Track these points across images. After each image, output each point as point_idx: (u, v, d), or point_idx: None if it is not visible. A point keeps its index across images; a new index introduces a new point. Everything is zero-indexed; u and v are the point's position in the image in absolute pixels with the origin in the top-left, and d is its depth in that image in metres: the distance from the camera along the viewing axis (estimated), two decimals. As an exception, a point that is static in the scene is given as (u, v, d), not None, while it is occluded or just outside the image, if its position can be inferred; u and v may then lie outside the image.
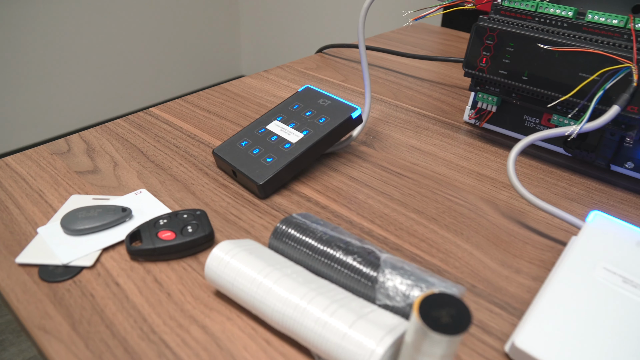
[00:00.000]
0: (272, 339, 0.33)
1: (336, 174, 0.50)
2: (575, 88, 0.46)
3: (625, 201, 0.48)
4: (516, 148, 0.44)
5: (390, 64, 0.80)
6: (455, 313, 0.27)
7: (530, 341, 0.31)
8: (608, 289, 0.33)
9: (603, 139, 0.50)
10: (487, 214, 0.45)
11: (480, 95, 0.56)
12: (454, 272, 0.39)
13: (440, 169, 0.52)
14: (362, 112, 0.55)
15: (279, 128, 0.50)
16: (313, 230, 0.37)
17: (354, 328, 0.30)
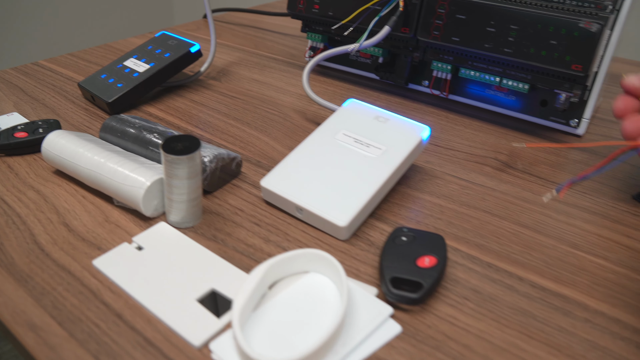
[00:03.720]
0: (87, 195, 0.45)
1: (181, 98, 0.63)
2: (354, 13, 0.59)
3: (417, 110, 0.62)
4: (309, 65, 0.57)
5: (262, 25, 0.93)
6: (188, 144, 0.39)
7: (270, 180, 0.44)
8: (340, 146, 0.45)
9: (398, 61, 0.64)
10: (293, 119, 0.58)
11: (310, 34, 0.69)
12: (247, 154, 0.51)
13: (270, 92, 0.65)
14: (210, 52, 0.67)
15: (133, 63, 0.63)
16: (132, 122, 0.49)
17: (134, 172, 0.42)
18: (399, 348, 0.31)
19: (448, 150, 0.53)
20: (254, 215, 0.42)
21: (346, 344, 0.30)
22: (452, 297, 0.35)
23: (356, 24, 0.58)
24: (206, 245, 0.38)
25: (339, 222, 0.38)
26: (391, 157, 0.42)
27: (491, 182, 0.48)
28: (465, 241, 0.40)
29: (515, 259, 0.38)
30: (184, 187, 0.38)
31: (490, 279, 0.36)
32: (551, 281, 0.37)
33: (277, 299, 0.33)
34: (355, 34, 0.60)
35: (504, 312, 0.34)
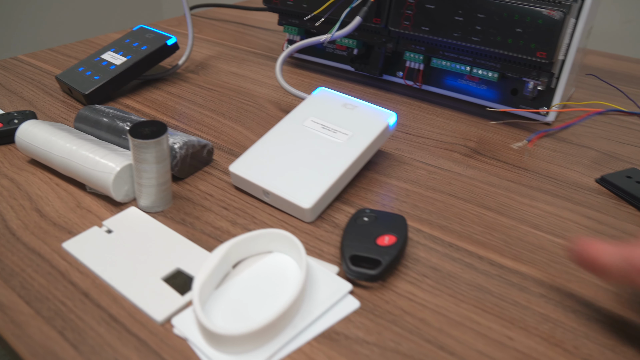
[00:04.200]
0: (60, 182, 0.46)
1: (159, 91, 0.64)
2: (325, 5, 0.60)
3: (390, 100, 0.63)
4: (282, 56, 0.58)
5: (243, 20, 0.94)
6: (155, 129, 0.40)
7: (238, 166, 0.45)
8: (308, 132, 0.46)
9: (373, 53, 0.65)
10: (268, 110, 0.59)
11: (287, 27, 0.70)
12: (220, 143, 0.52)
13: (246, 84, 0.66)
14: (188, 45, 0.68)
15: (110, 56, 0.63)
16: (106, 112, 0.50)
17: (104, 158, 0.43)
18: (357, 322, 0.32)
19: (418, 137, 0.54)
20: (223, 200, 0.43)
21: (305, 318, 0.31)
22: (411, 275, 0.36)
23: (327, 15, 0.59)
24: (175, 228, 0.39)
25: (303, 204, 0.39)
26: (357, 142, 0.43)
27: (458, 167, 0.49)
28: (428, 222, 0.41)
29: (476, 239, 0.40)
30: (153, 171, 0.39)
31: (451, 258, 0.37)
32: (510, 259, 0.38)
33: (239, 277, 0.34)
34: (330, 25, 0.61)
35: (461, 289, 0.35)
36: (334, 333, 0.31)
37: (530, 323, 0.33)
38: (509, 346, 0.31)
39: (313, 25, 0.64)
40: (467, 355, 0.30)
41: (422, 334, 0.31)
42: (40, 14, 2.27)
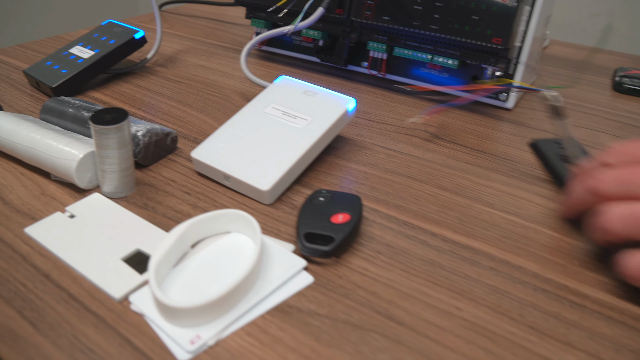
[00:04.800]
0: (25, 172, 0.46)
1: (127, 84, 0.64)
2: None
3: (355, 89, 0.64)
4: (246, 47, 0.59)
5: (214, 16, 0.95)
6: (116, 115, 0.41)
7: (199, 152, 0.45)
8: (269, 118, 0.47)
9: (338, 44, 0.66)
10: (234, 100, 0.60)
11: (254, 20, 0.71)
12: (185, 132, 0.53)
13: (214, 77, 0.67)
14: (157, 39, 0.68)
15: (78, 50, 0.64)
16: (71, 103, 0.50)
17: (68, 146, 0.43)
18: (309, 296, 0.33)
19: (380, 124, 0.55)
20: (186, 185, 0.44)
21: (259, 293, 0.33)
22: (365, 252, 0.37)
23: (290, 6, 0.60)
24: (137, 212, 0.40)
25: (262, 186, 0.40)
26: (316, 127, 0.44)
27: (417, 151, 0.50)
28: (385, 203, 0.42)
29: (431, 217, 0.41)
30: (115, 157, 0.40)
31: (405, 235, 0.39)
32: (463, 236, 0.39)
33: (197, 256, 0.35)
34: (295, 18, 0.62)
35: (413, 264, 0.36)
36: (287, 306, 0.32)
37: (478, 294, 0.34)
38: (456, 315, 0.32)
39: (277, 17, 0.64)
40: (416, 324, 0.32)
41: (373, 306, 0.33)
42: (14, 10, 2.26)
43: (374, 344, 0.30)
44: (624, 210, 0.32)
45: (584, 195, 0.36)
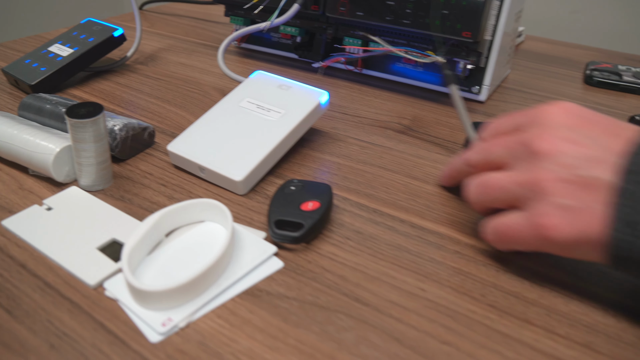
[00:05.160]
0: (3, 167, 0.46)
1: (107, 81, 0.65)
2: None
3: (332, 84, 0.66)
4: (224, 43, 0.60)
5: (196, 14, 0.96)
6: (92, 109, 0.42)
7: (176, 145, 0.47)
8: (244, 112, 0.48)
9: (315, 40, 0.67)
10: (213, 96, 0.61)
11: (233, 18, 0.72)
12: (163, 127, 0.54)
13: (194, 74, 0.68)
14: (136, 37, 0.69)
15: (57, 48, 0.65)
16: (49, 99, 0.51)
17: (45, 140, 0.44)
18: (279, 280, 0.34)
19: (355, 117, 0.57)
20: (162, 178, 0.45)
21: (229, 278, 0.34)
22: (335, 238, 0.38)
23: (265, 3, 0.62)
24: (114, 204, 0.41)
25: (235, 177, 0.41)
26: (289, 119, 0.46)
27: (390, 142, 0.52)
28: (356, 192, 0.44)
29: (400, 205, 0.42)
30: (91, 150, 0.41)
31: (374, 222, 0.40)
32: (430, 222, 0.40)
33: (171, 244, 0.36)
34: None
35: (381, 248, 0.38)
36: (256, 290, 0.34)
37: (443, 276, 0.35)
38: (420, 296, 0.34)
39: (254, 14, 0.66)
40: (380, 305, 0.33)
41: (340, 289, 0.34)
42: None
43: (339, 323, 0.31)
44: (477, 180, 0.36)
45: (459, 165, 0.40)
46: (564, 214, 0.30)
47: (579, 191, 0.30)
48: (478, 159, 0.37)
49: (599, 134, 0.31)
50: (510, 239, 0.34)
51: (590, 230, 0.30)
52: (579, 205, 0.30)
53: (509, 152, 0.34)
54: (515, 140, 0.34)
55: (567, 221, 0.30)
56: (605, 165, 0.30)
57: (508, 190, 0.33)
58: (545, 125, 0.33)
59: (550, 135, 0.32)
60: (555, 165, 0.31)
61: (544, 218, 0.31)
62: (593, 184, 0.30)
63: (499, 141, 0.36)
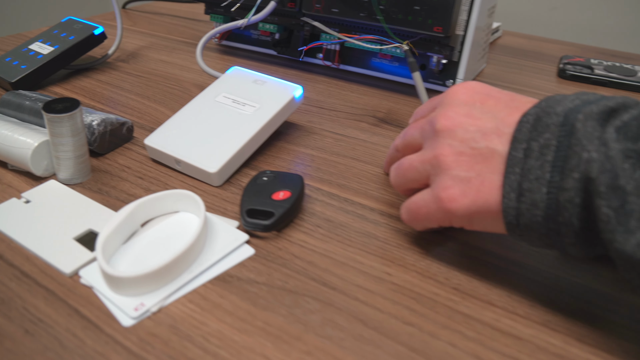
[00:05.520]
0: (-16, 161, 0.48)
1: (88, 79, 0.66)
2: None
3: (310, 79, 0.67)
4: (202, 40, 0.61)
5: (178, 13, 0.97)
6: (69, 104, 0.43)
7: (152, 139, 0.48)
8: (219, 106, 0.49)
9: (293, 37, 0.69)
10: (192, 92, 0.62)
11: (213, 16, 0.73)
12: (143, 122, 0.55)
13: (174, 71, 0.69)
14: (117, 35, 0.70)
15: (38, 46, 0.66)
16: (29, 96, 0.52)
17: (23, 135, 0.45)
18: (249, 266, 0.36)
19: (330, 111, 0.58)
20: (140, 171, 0.46)
21: (201, 265, 0.35)
22: (306, 226, 0.40)
23: (242, 1, 0.63)
24: (91, 196, 0.42)
25: (210, 169, 0.43)
26: (263, 113, 0.47)
27: (364, 135, 0.53)
28: (328, 182, 0.45)
29: (371, 194, 0.44)
30: (69, 144, 0.42)
31: (344, 211, 0.41)
32: (399, 210, 0.42)
33: (146, 234, 0.38)
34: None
35: (350, 235, 0.39)
36: (227, 276, 0.35)
37: (409, 261, 0.37)
38: (386, 280, 0.35)
39: (232, 12, 0.67)
40: (347, 289, 0.34)
41: (309, 274, 0.35)
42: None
43: (306, 306, 0.33)
44: (395, 165, 0.38)
45: (391, 151, 0.42)
46: (461, 185, 0.31)
47: (474, 162, 0.31)
48: (400, 143, 0.40)
49: (497, 108, 0.33)
50: (419, 216, 0.35)
51: (484, 199, 0.31)
52: (473, 175, 0.31)
53: (420, 134, 0.36)
54: (425, 121, 0.36)
55: (463, 192, 0.31)
56: (498, 136, 0.31)
57: (416, 169, 0.35)
58: (448, 104, 0.34)
59: (450, 112, 0.33)
60: (453, 140, 0.32)
61: (443, 191, 0.32)
62: (487, 155, 0.31)
63: (415, 124, 0.37)
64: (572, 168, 0.27)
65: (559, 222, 0.28)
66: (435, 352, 0.30)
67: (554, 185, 0.28)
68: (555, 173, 0.28)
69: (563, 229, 0.28)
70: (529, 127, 0.30)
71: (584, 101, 0.29)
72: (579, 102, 0.29)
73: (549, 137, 0.29)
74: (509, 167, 0.30)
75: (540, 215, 0.29)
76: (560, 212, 0.28)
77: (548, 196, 0.28)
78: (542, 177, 0.28)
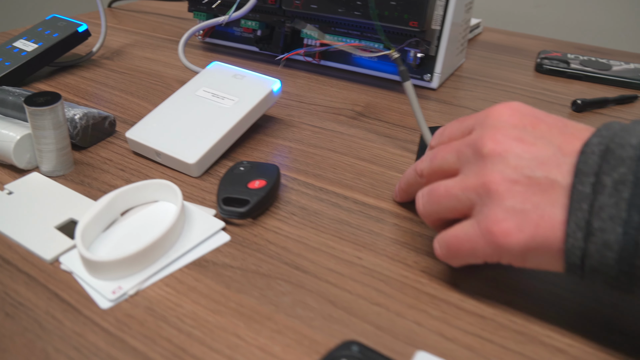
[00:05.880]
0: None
1: (72, 76, 0.67)
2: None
3: (292, 75, 0.68)
4: (184, 36, 0.63)
5: (164, 12, 0.98)
6: (50, 98, 0.44)
7: (133, 132, 0.49)
8: (199, 100, 0.50)
9: (275, 33, 0.70)
10: (174, 88, 0.64)
11: (196, 13, 0.75)
12: (125, 117, 0.56)
13: (157, 67, 0.70)
14: (102, 32, 0.72)
15: (22, 44, 0.67)
16: (12, 91, 0.53)
17: (5, 129, 0.46)
18: (225, 252, 0.37)
19: (310, 105, 0.59)
20: (121, 163, 0.47)
21: (178, 250, 0.36)
22: (280, 214, 0.41)
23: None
24: (73, 188, 0.43)
25: (189, 160, 0.44)
26: (242, 106, 0.48)
27: (342, 127, 0.54)
28: (304, 172, 0.46)
29: (345, 183, 0.45)
30: (51, 137, 0.43)
31: (319, 199, 0.43)
32: (373, 198, 0.43)
33: (125, 222, 0.39)
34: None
35: (323, 222, 0.40)
36: (203, 261, 0.36)
37: (379, 246, 0.38)
38: (357, 264, 0.37)
39: (213, 9, 0.68)
40: (319, 272, 0.36)
41: (282, 258, 0.37)
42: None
43: (278, 289, 0.34)
44: (425, 189, 0.34)
45: (411, 176, 0.38)
46: (516, 218, 0.28)
47: (531, 193, 0.28)
48: (427, 168, 0.35)
49: (552, 134, 0.29)
50: (461, 251, 0.31)
51: (544, 236, 0.27)
52: (530, 208, 0.28)
53: (457, 157, 0.32)
54: (463, 144, 0.32)
55: (519, 226, 0.28)
56: (557, 166, 0.28)
57: (456, 197, 0.31)
58: (493, 126, 0.30)
59: (498, 135, 0.30)
60: (504, 166, 0.29)
61: (495, 224, 0.28)
62: (544, 185, 0.28)
63: (447, 146, 0.33)
64: None
65: (636, 265, 0.25)
66: (402, 330, 0.31)
67: (632, 225, 0.25)
68: (633, 212, 0.25)
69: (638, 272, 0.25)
70: (596, 159, 0.26)
71: None
72: None
73: (624, 172, 0.25)
74: (574, 202, 0.26)
75: (612, 258, 0.25)
76: (639, 255, 0.25)
77: (624, 237, 0.25)
78: (618, 216, 0.25)
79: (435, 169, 0.34)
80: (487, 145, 0.30)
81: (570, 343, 0.31)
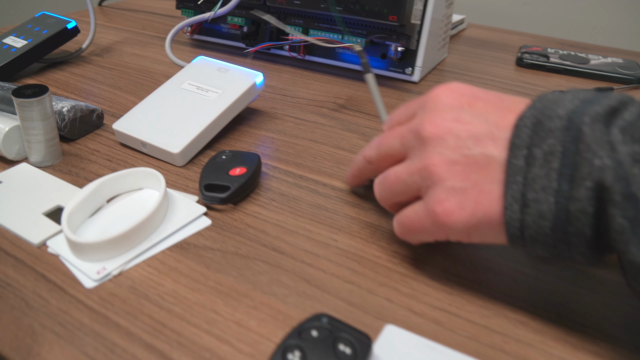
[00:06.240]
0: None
1: (62, 72, 0.69)
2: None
3: (277, 70, 0.70)
4: (171, 32, 0.64)
5: (153, 9, 1.00)
6: (37, 90, 0.46)
7: (120, 123, 0.51)
8: (184, 93, 0.52)
9: (260, 29, 0.72)
10: (161, 82, 0.65)
11: (184, 10, 0.76)
12: (113, 110, 0.58)
13: (146, 63, 0.72)
14: (91, 29, 0.73)
15: (11, 40, 0.68)
16: (1, 86, 0.55)
17: (-4, 121, 0.48)
18: (206, 235, 0.39)
19: (294, 98, 0.61)
20: (108, 154, 0.49)
21: (161, 234, 0.38)
22: (261, 200, 0.43)
23: None
24: (61, 177, 0.45)
25: (173, 149, 0.46)
26: (225, 98, 0.50)
27: (323, 119, 0.56)
28: (285, 161, 0.48)
29: (325, 171, 0.47)
30: (39, 128, 0.45)
31: (298, 186, 0.45)
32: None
33: (111, 208, 0.41)
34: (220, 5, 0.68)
35: (302, 207, 0.42)
36: (185, 244, 0.38)
37: (355, 229, 0.40)
38: (332, 245, 0.38)
39: (199, 5, 0.70)
40: (295, 253, 0.37)
41: (260, 241, 0.38)
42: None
43: (255, 268, 0.36)
44: (379, 178, 0.35)
45: (359, 162, 0.39)
46: (456, 197, 0.29)
47: (470, 172, 0.29)
48: (373, 154, 0.36)
49: (487, 111, 0.30)
50: (413, 231, 0.33)
51: (484, 211, 0.28)
52: (470, 186, 0.29)
53: (402, 143, 0.33)
54: (406, 129, 0.33)
55: (460, 204, 0.29)
56: (493, 141, 0.28)
57: (404, 181, 0.32)
58: (432, 109, 0.31)
59: (436, 118, 0.31)
60: (443, 148, 0.30)
61: (437, 205, 0.30)
62: (483, 163, 0.28)
63: (392, 132, 0.34)
64: (583, 176, 0.25)
65: (569, 232, 0.26)
66: (372, 306, 0.33)
67: (562, 194, 0.26)
68: (563, 181, 0.26)
69: (573, 239, 0.26)
70: (528, 132, 0.27)
71: (584, 100, 0.27)
72: (578, 102, 0.27)
73: (553, 143, 0.26)
74: (509, 176, 0.27)
75: (547, 227, 0.26)
76: (571, 223, 0.26)
77: (557, 206, 0.26)
78: (549, 187, 0.26)
79: (382, 155, 0.36)
80: (427, 129, 0.31)
81: (532, 316, 0.32)
